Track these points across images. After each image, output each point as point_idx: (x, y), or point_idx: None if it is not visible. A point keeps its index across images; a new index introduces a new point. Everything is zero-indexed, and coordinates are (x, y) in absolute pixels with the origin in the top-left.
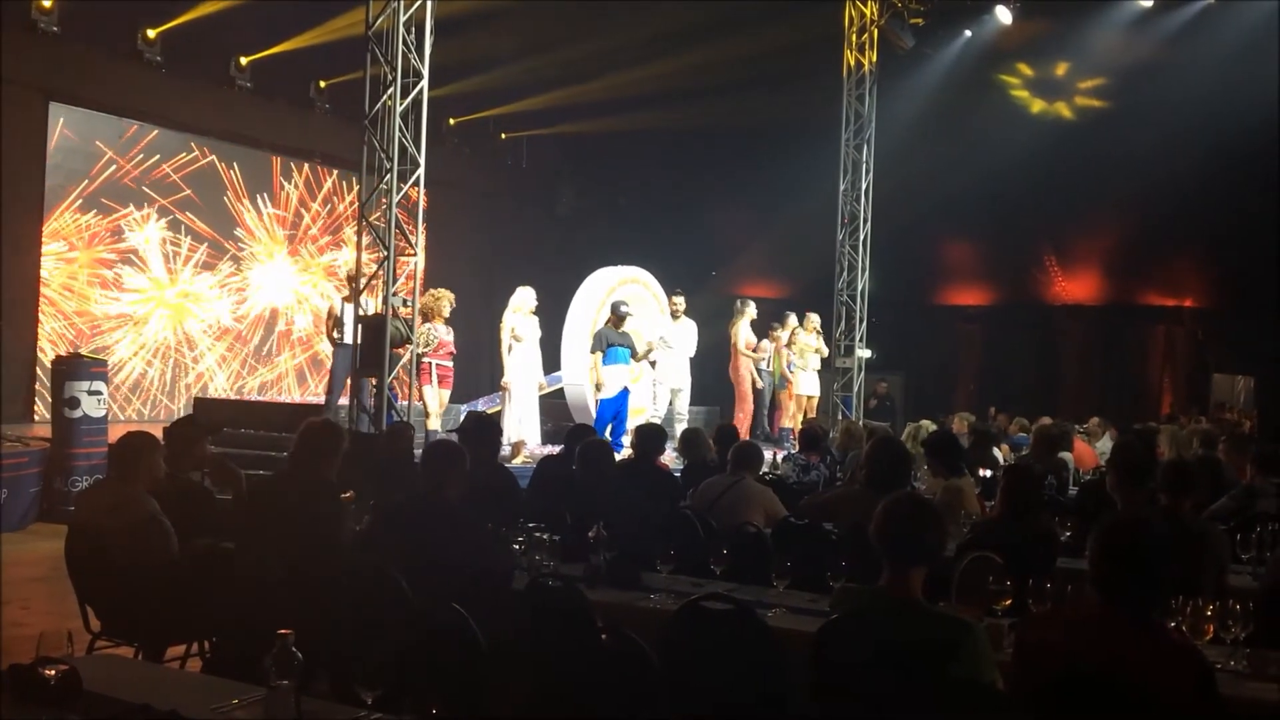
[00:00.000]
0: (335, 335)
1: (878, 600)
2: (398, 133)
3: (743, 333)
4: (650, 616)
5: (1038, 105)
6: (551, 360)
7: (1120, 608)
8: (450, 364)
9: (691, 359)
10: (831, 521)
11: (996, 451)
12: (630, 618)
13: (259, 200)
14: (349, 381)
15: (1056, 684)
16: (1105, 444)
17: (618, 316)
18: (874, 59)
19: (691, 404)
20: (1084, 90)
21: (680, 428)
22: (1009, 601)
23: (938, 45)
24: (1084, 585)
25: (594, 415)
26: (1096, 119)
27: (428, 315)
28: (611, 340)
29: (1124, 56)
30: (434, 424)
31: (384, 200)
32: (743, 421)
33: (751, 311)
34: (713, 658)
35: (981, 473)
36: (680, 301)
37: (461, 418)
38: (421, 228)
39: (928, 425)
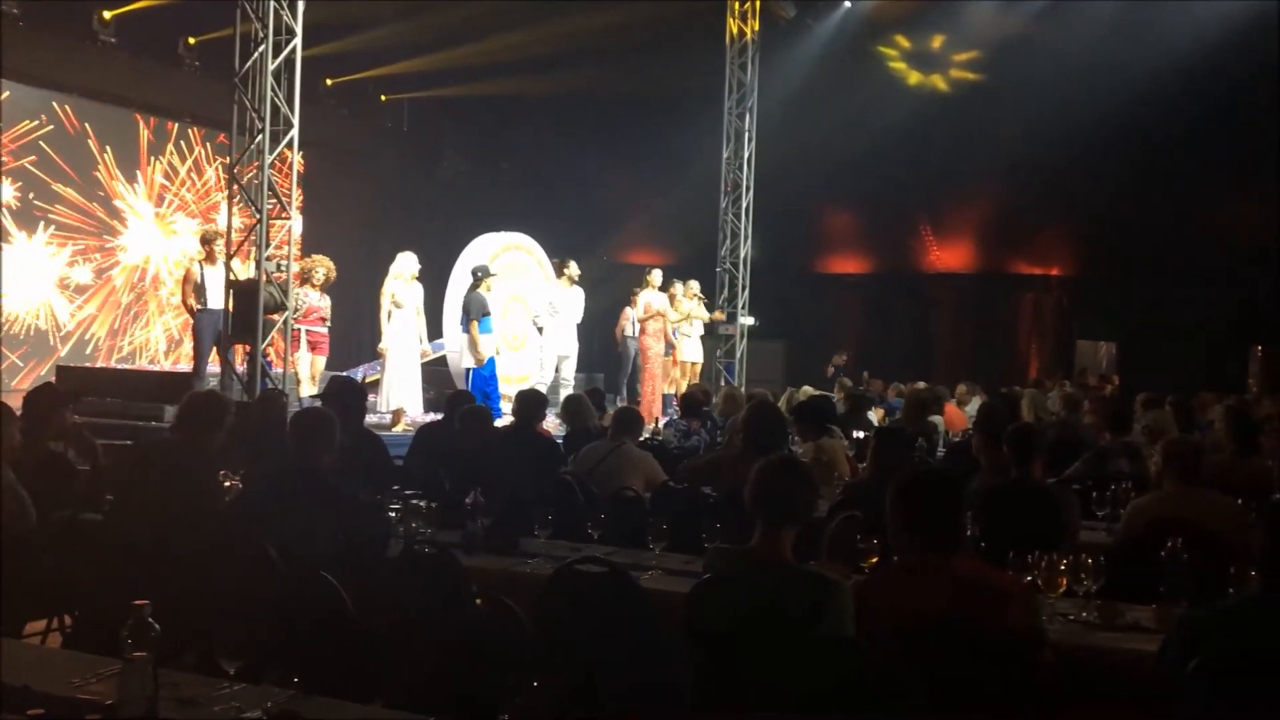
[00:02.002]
0: (193, 301)
1: (748, 560)
2: (270, 92)
3: (653, 301)
4: (527, 581)
5: (915, 77)
6: (434, 327)
7: (933, 554)
8: (323, 330)
9: (578, 325)
10: (710, 485)
11: (871, 415)
12: (507, 583)
13: (125, 160)
14: (215, 349)
15: (891, 634)
16: (974, 408)
17: (490, 280)
18: (756, 28)
19: (577, 371)
20: (959, 63)
21: (566, 394)
22: (875, 560)
23: (818, 16)
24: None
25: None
26: (970, 92)
27: (301, 280)
28: (486, 308)
29: (997, 31)
30: (307, 391)
31: (256, 162)
32: (651, 392)
33: (655, 279)
34: (588, 620)
35: (855, 435)
36: (575, 268)
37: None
38: (297, 190)
39: (808, 390)
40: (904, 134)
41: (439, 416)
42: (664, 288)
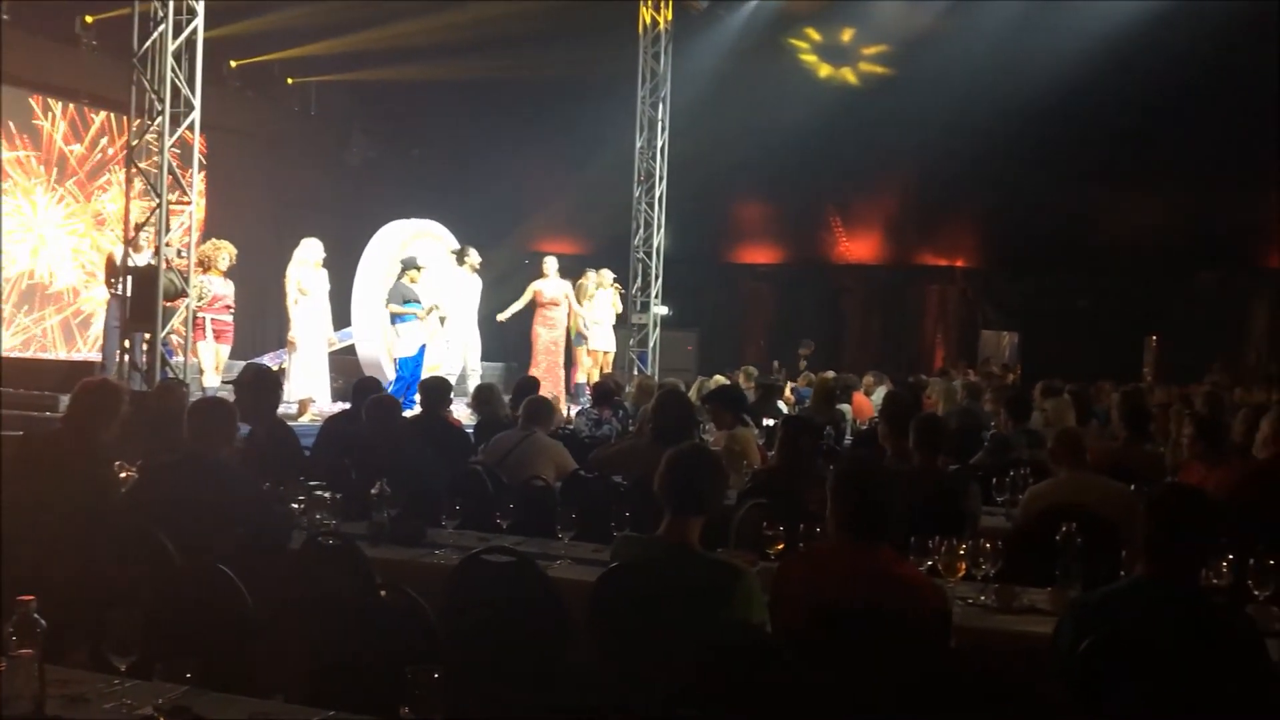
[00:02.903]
0: (115, 286)
1: (655, 548)
2: (170, 73)
3: (544, 289)
4: (434, 572)
5: (825, 70)
6: (342, 315)
7: (858, 542)
8: (228, 319)
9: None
10: (620, 474)
11: (780, 404)
12: (414, 574)
13: (18, 142)
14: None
15: (806, 619)
16: (881, 396)
17: (414, 272)
18: (669, 17)
19: (485, 360)
20: (868, 57)
21: (474, 383)
22: (781, 546)
23: (730, 7)
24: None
25: (388, 373)
26: (879, 86)
27: (204, 266)
28: (410, 297)
29: (905, 26)
30: (210, 381)
31: (156, 145)
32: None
33: (549, 267)
34: (494, 610)
35: (765, 422)
36: (475, 256)
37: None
38: (200, 175)
39: (719, 379)
40: (815, 126)
41: (348, 406)
42: (576, 277)
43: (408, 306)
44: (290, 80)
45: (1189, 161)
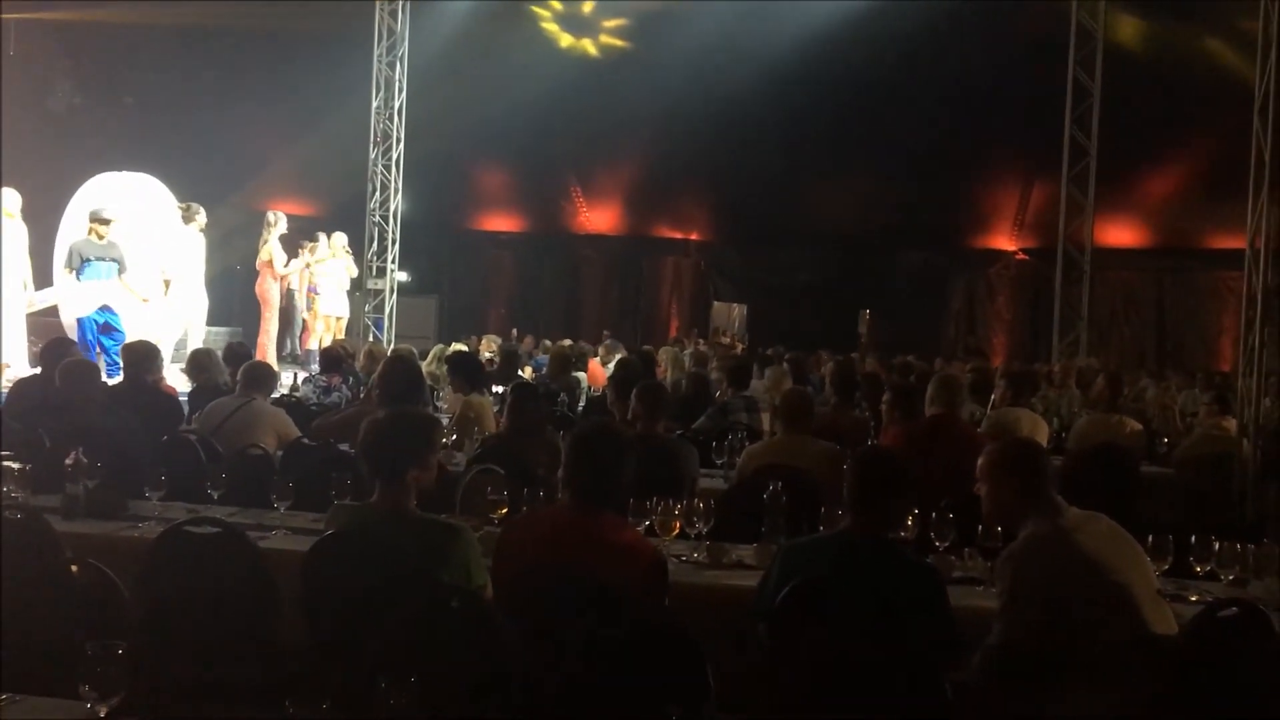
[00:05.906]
0: None
1: (369, 514)
2: None
3: (274, 250)
4: (135, 545)
5: (566, 40)
6: (44, 274)
7: (582, 506)
8: None
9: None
10: (346, 441)
11: (521, 372)
12: (112, 548)
13: None
14: None
15: (525, 579)
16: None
17: (100, 226)
18: None
19: (212, 324)
20: (608, 30)
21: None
22: (505, 511)
23: None
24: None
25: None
26: (619, 59)
27: None
28: (87, 254)
29: (643, 1)
30: None
31: None
32: (266, 343)
33: (282, 226)
34: (199, 583)
35: (496, 389)
36: (203, 216)
37: None
38: None
39: (458, 347)
40: (556, 96)
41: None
42: (310, 239)
43: (86, 266)
44: None
45: (899, 147)
